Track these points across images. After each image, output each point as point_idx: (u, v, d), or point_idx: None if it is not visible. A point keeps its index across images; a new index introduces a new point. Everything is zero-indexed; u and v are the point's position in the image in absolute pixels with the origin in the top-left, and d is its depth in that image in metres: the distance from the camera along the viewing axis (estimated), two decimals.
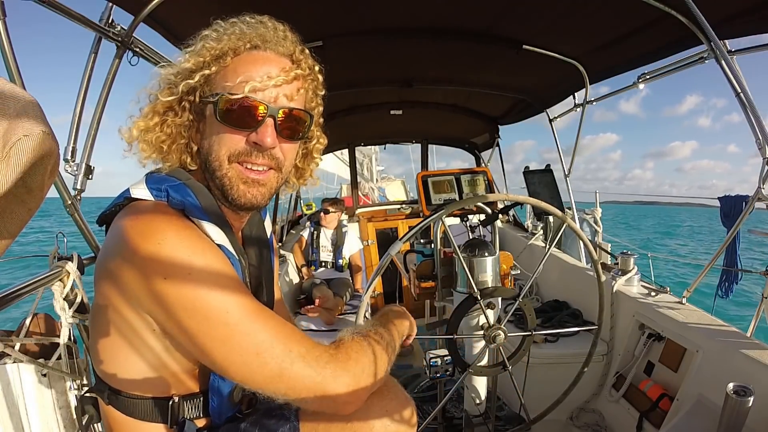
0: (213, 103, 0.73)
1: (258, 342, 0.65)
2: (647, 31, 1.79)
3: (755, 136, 1.51)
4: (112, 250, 0.67)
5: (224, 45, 0.74)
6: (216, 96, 0.72)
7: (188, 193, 0.73)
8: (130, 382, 0.73)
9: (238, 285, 0.68)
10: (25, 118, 0.42)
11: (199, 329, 0.63)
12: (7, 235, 0.46)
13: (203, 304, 0.63)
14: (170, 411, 0.75)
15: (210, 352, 0.64)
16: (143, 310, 0.67)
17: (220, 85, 0.74)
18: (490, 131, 3.87)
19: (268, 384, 0.66)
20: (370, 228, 4.16)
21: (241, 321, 0.65)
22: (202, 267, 0.64)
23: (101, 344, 0.73)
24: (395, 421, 0.78)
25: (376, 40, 2.09)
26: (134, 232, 0.64)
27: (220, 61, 0.74)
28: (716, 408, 1.22)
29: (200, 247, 0.67)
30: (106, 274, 0.69)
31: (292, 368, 0.66)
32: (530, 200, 1.38)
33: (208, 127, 0.76)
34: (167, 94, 0.75)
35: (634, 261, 2.06)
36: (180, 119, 0.76)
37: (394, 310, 0.98)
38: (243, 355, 0.64)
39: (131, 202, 0.71)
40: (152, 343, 0.70)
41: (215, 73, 0.75)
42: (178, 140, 0.77)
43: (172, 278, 0.62)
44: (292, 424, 0.78)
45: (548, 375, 1.83)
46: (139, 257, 0.63)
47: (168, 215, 0.68)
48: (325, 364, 0.68)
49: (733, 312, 6.30)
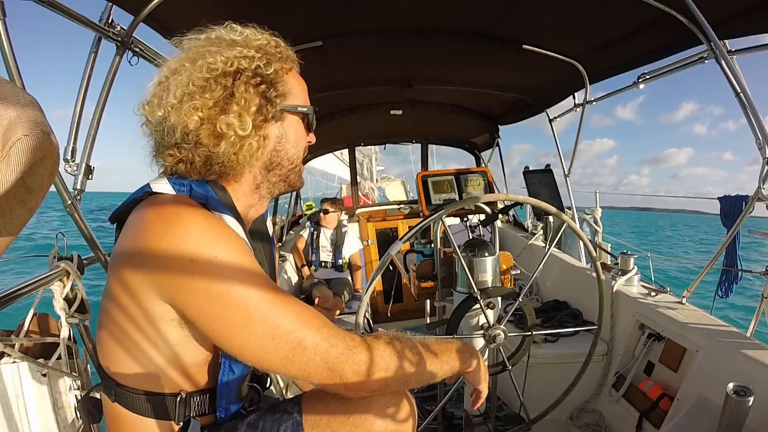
0: (301, 111, 0.84)
1: (276, 326, 0.67)
2: (647, 31, 1.79)
3: (755, 136, 1.51)
4: (133, 239, 0.68)
5: (288, 54, 0.83)
6: (305, 107, 0.84)
7: (209, 189, 0.75)
8: (139, 378, 0.74)
9: (259, 271, 0.70)
10: (25, 117, 0.42)
11: (220, 313, 0.65)
12: (7, 234, 0.47)
13: (227, 289, 0.65)
14: (177, 407, 0.75)
15: (229, 336, 0.67)
16: (163, 299, 0.67)
17: (293, 91, 0.82)
18: (490, 131, 3.87)
19: (280, 366, 0.68)
20: (369, 228, 4.16)
21: (262, 306, 0.67)
22: (227, 253, 0.66)
23: (111, 340, 0.73)
24: (395, 417, 0.80)
25: (376, 40, 2.09)
26: (160, 220, 0.66)
27: (284, 63, 0.81)
28: (716, 408, 1.22)
29: (225, 234, 0.69)
30: (125, 264, 0.69)
31: (304, 353, 0.68)
32: (530, 200, 1.38)
33: (285, 127, 0.83)
34: (225, 67, 0.74)
35: (634, 261, 2.06)
36: (236, 100, 0.75)
37: (467, 346, 0.93)
38: (260, 339, 0.66)
39: (150, 196, 0.72)
40: (168, 335, 0.71)
41: (280, 73, 0.80)
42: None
43: (198, 262, 0.64)
44: (295, 419, 0.79)
45: (548, 375, 1.83)
46: (165, 242, 0.64)
47: (193, 205, 0.71)
48: (340, 352, 0.70)
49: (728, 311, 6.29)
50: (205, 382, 0.79)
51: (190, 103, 0.71)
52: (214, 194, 0.75)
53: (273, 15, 1.66)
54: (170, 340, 0.71)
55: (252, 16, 0.83)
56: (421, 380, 0.80)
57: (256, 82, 0.76)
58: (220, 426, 0.81)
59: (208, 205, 0.74)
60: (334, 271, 3.46)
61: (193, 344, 0.73)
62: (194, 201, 0.73)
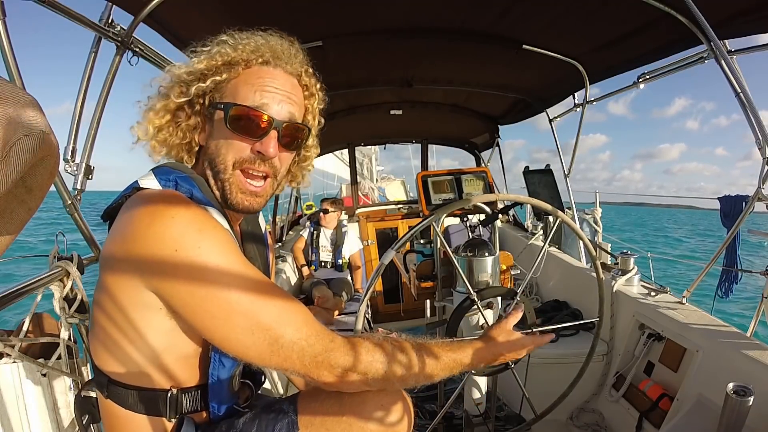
0: (224, 111, 0.78)
1: (256, 322, 0.67)
2: (647, 31, 1.79)
3: (755, 136, 1.51)
4: (121, 232, 0.68)
5: (238, 55, 0.79)
6: (228, 105, 0.78)
7: (194, 185, 0.76)
8: (130, 374, 0.74)
9: (244, 265, 0.70)
10: (25, 118, 0.42)
11: (201, 305, 0.66)
12: (7, 234, 0.46)
13: (210, 281, 0.66)
14: (168, 403, 0.76)
15: (211, 328, 0.67)
16: (150, 289, 0.67)
17: (231, 93, 0.79)
18: (490, 131, 3.87)
19: (259, 360, 0.69)
20: (369, 228, 4.16)
21: (243, 300, 0.67)
22: (210, 245, 0.67)
23: (102, 335, 0.74)
24: (390, 416, 0.80)
25: (376, 40, 2.09)
26: (146, 211, 0.67)
27: (231, 69, 0.79)
28: (716, 408, 1.22)
29: (210, 225, 0.69)
30: (113, 257, 0.69)
31: (281, 350, 0.68)
32: (530, 200, 1.38)
33: (216, 131, 0.81)
34: (179, 94, 0.80)
35: (634, 261, 2.06)
36: (190, 122, 0.81)
37: (475, 344, 0.96)
38: (239, 334, 0.67)
39: (138, 192, 0.73)
40: (157, 325, 0.71)
41: (225, 81, 0.80)
42: (183, 140, 0.82)
43: (182, 253, 0.64)
44: (290, 418, 0.80)
45: (548, 375, 1.83)
46: (151, 232, 0.65)
47: (178, 197, 0.71)
48: (317, 352, 0.70)
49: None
50: (197, 378, 0.79)
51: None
52: (198, 190, 0.76)
53: (273, 15, 1.66)
54: (159, 332, 0.72)
55: (252, 16, 0.83)
56: (407, 383, 0.80)
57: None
58: (214, 424, 0.81)
59: (193, 199, 0.74)
60: (334, 271, 3.46)
61: (182, 336, 0.74)
62: (180, 194, 0.73)
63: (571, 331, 2.12)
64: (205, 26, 0.80)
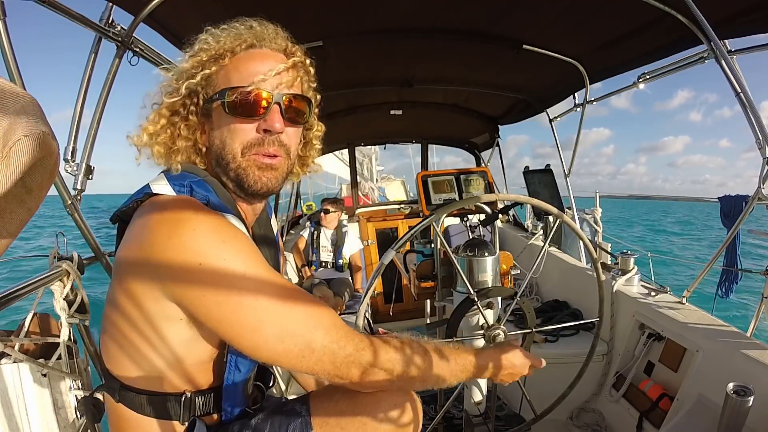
0: (220, 99, 0.75)
1: (285, 329, 0.67)
2: (647, 31, 1.79)
3: (755, 136, 1.51)
4: (138, 242, 0.68)
5: (221, 45, 0.77)
6: (223, 91, 0.75)
7: (209, 189, 0.75)
8: (144, 380, 0.74)
9: (267, 271, 0.70)
10: (25, 118, 0.42)
11: (230, 317, 0.66)
12: (7, 235, 0.46)
13: (236, 292, 0.65)
14: (182, 407, 0.76)
15: (240, 339, 0.67)
16: (172, 300, 0.67)
17: (223, 83, 0.77)
18: (490, 131, 3.87)
19: (290, 366, 0.69)
20: (370, 228, 4.16)
21: (271, 307, 0.67)
22: (234, 254, 0.66)
23: (116, 343, 0.73)
24: (402, 416, 0.81)
25: (376, 40, 2.09)
26: (165, 221, 0.66)
27: (218, 61, 0.77)
28: (716, 408, 1.22)
29: (232, 233, 0.69)
30: (130, 267, 0.69)
31: (312, 354, 0.69)
32: (530, 200, 1.38)
33: (217, 124, 0.79)
34: (170, 96, 0.78)
35: (634, 261, 2.06)
36: (187, 122, 0.79)
37: (486, 352, 0.99)
38: (270, 342, 0.67)
39: (152, 197, 0.72)
40: (176, 334, 0.70)
41: (215, 74, 0.77)
42: (186, 142, 0.80)
43: (206, 265, 0.64)
44: (304, 419, 0.80)
45: (548, 375, 1.83)
46: (172, 245, 0.64)
47: (197, 205, 0.71)
48: (348, 353, 0.71)
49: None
50: (210, 382, 0.79)
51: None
52: (214, 194, 0.75)
53: (273, 15, 1.66)
54: (177, 340, 0.71)
55: (251, 16, 0.83)
56: (426, 384, 0.82)
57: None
58: (225, 426, 0.81)
59: (210, 205, 0.73)
60: (334, 271, 3.46)
61: (201, 343, 0.73)
62: (197, 201, 0.72)
63: (571, 331, 2.12)
64: (205, 26, 0.79)
